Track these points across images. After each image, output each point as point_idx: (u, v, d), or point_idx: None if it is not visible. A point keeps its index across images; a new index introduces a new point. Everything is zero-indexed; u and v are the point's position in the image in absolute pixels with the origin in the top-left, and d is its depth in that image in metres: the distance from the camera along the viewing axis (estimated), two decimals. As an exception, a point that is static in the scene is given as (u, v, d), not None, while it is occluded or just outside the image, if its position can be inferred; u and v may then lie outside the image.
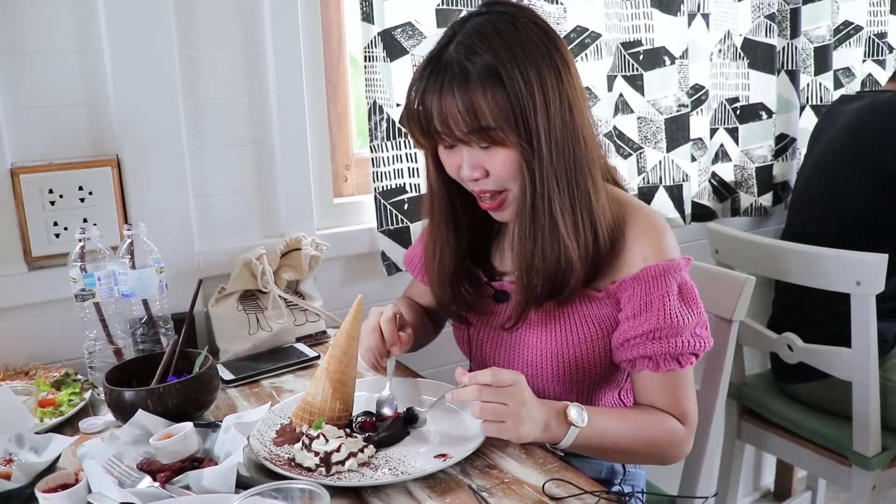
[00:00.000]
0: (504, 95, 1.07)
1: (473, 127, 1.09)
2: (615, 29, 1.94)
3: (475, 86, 1.08)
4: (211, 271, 1.56)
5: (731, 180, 2.31)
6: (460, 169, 1.16)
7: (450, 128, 1.11)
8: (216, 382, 1.22)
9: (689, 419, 1.20)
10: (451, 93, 1.09)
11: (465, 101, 1.08)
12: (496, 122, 1.09)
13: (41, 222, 1.41)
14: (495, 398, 1.03)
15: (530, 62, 1.09)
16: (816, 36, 2.35)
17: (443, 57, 1.11)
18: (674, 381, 1.18)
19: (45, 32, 1.38)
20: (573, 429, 1.07)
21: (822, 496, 2.48)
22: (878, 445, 1.83)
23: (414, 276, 1.47)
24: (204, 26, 1.51)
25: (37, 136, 1.41)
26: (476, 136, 1.11)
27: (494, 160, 1.13)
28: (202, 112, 1.54)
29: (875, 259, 1.68)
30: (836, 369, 1.83)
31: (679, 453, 1.20)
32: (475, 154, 1.14)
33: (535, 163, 1.11)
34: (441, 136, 1.13)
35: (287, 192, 1.64)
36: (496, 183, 1.15)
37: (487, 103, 1.08)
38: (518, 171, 1.12)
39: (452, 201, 1.25)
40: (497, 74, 1.07)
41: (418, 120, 1.14)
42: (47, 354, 1.43)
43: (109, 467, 0.99)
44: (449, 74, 1.09)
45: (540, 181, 1.11)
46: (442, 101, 1.09)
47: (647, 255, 1.16)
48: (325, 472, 1.01)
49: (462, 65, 1.09)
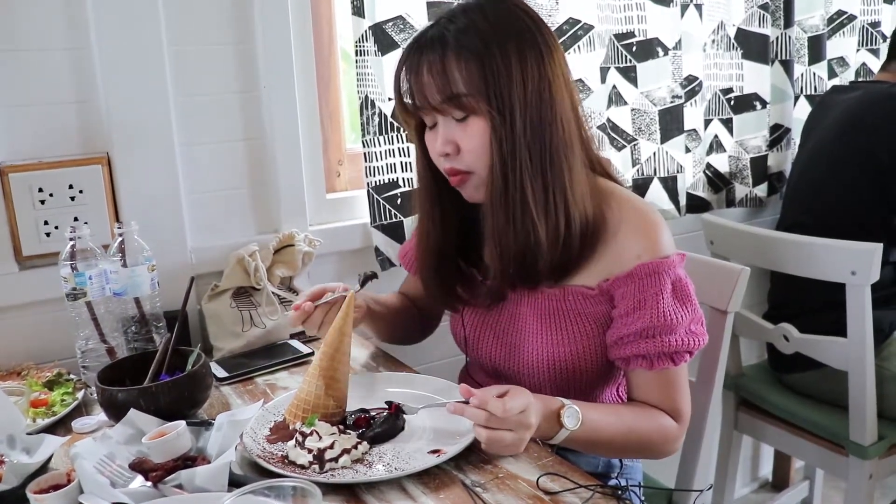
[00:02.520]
0: (478, 63, 1.09)
1: (447, 94, 1.11)
2: (608, 20, 1.94)
3: (450, 53, 1.10)
4: (203, 268, 1.55)
5: (726, 171, 2.30)
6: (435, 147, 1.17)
7: (425, 96, 1.13)
8: (209, 380, 1.21)
9: (682, 416, 1.20)
10: (427, 62, 1.12)
11: (439, 67, 1.11)
12: (468, 88, 1.10)
13: (31, 221, 1.40)
14: (502, 426, 1.00)
15: (511, 37, 1.11)
16: (810, 25, 2.34)
17: (426, 34, 1.15)
18: (668, 378, 1.18)
19: (33, 29, 1.37)
20: (564, 430, 1.07)
21: (819, 486, 2.49)
22: (875, 434, 1.83)
23: (408, 271, 1.47)
24: (193, 22, 1.50)
25: (26, 135, 1.40)
26: (450, 105, 1.12)
27: (468, 133, 1.13)
28: (192, 108, 1.53)
29: (870, 248, 1.68)
30: (832, 359, 1.83)
31: (670, 450, 1.21)
32: (450, 128, 1.15)
33: (507, 135, 1.11)
34: (419, 108, 1.16)
35: (279, 187, 1.63)
36: (465, 163, 1.16)
37: (461, 69, 1.10)
38: (488, 144, 1.12)
39: (438, 184, 1.24)
40: (474, 45, 1.10)
41: (401, 95, 1.17)
42: (39, 354, 1.42)
43: (101, 467, 0.98)
44: (428, 47, 1.12)
45: (511, 154, 1.11)
46: (420, 71, 1.12)
47: (641, 251, 1.15)
48: (319, 469, 1.01)
49: (442, 38, 1.12)
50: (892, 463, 1.90)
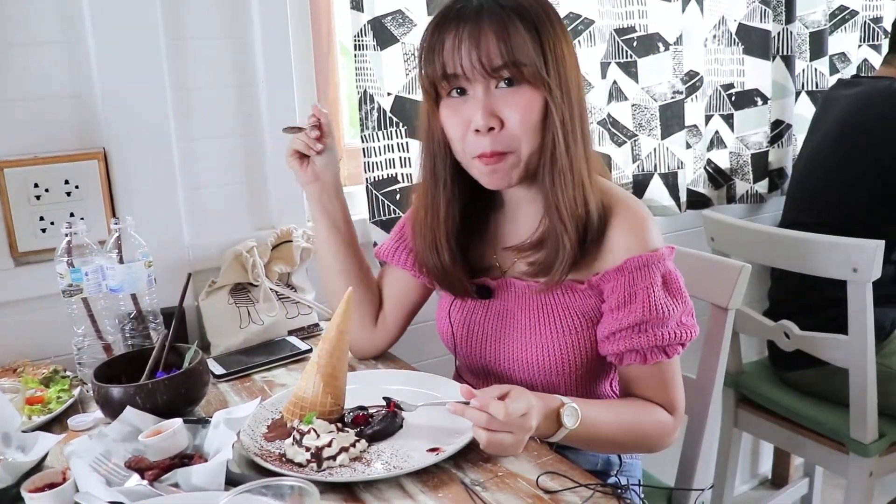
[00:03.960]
0: (538, 37, 1.08)
1: (509, 59, 1.06)
2: (608, 15, 1.92)
3: (513, 20, 1.07)
4: (201, 265, 1.54)
5: (727, 167, 2.29)
6: (469, 125, 1.10)
7: (480, 60, 1.07)
8: (206, 377, 1.20)
9: (678, 408, 1.21)
10: (488, 23, 1.07)
11: (503, 33, 1.06)
12: (529, 58, 1.07)
13: (27, 217, 1.39)
14: (503, 429, 0.98)
15: (557, 20, 1.12)
16: (812, 21, 2.33)
17: (473, 2, 1.09)
18: (661, 372, 1.18)
19: (28, 23, 1.36)
20: (563, 429, 1.06)
21: (819, 483, 2.48)
22: (875, 432, 1.82)
23: (388, 262, 1.40)
24: (190, 15, 1.49)
25: (21, 130, 1.38)
26: (509, 71, 1.08)
27: (516, 105, 1.09)
28: (190, 103, 1.52)
29: (871, 245, 1.67)
30: (833, 356, 1.82)
31: (667, 443, 1.21)
32: (492, 99, 1.10)
33: (567, 111, 1.10)
34: (465, 71, 1.08)
35: (277, 183, 1.61)
36: (505, 143, 1.11)
37: (523, 38, 1.07)
38: (540, 120, 1.10)
39: (454, 165, 1.19)
40: (531, 17, 1.08)
41: (439, 54, 1.10)
42: (35, 351, 1.41)
43: (97, 465, 0.97)
44: (485, 8, 1.08)
45: (571, 132, 1.11)
46: (478, 30, 1.06)
47: (630, 245, 1.15)
48: (317, 467, 1.00)
49: (497, 4, 1.08)
50: (892, 461, 1.89)
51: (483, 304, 1.28)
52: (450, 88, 1.13)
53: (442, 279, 1.27)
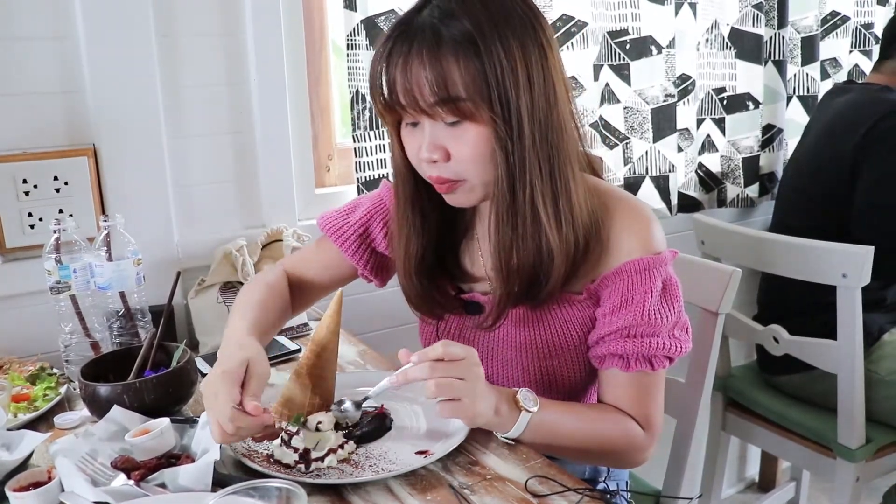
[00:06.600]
0: (479, 65, 0.97)
1: (441, 97, 0.97)
2: (602, 18, 1.93)
3: (447, 51, 0.97)
4: (190, 263, 1.54)
5: (718, 171, 2.30)
6: (420, 150, 1.04)
7: (414, 97, 0.99)
8: (194, 376, 1.19)
9: (653, 427, 1.13)
10: (419, 57, 0.97)
11: (436, 67, 0.97)
12: (468, 92, 0.97)
13: (15, 213, 1.38)
14: (450, 373, 0.96)
15: (514, 34, 0.99)
16: (804, 26, 2.34)
17: (414, 21, 1.00)
18: (642, 383, 1.11)
19: (18, 17, 1.35)
20: (524, 414, 1.02)
21: (805, 487, 2.49)
22: (863, 437, 1.83)
23: (330, 238, 1.29)
24: (182, 12, 1.48)
25: (10, 125, 1.37)
26: (444, 108, 0.98)
27: (462, 139, 1.01)
28: (181, 100, 1.51)
29: (861, 251, 1.68)
30: (822, 361, 1.83)
31: (637, 459, 1.14)
32: (438, 132, 1.02)
33: (515, 143, 1.00)
34: (404, 107, 1.01)
35: (268, 182, 1.61)
36: (454, 171, 1.04)
37: (460, 71, 0.97)
38: (489, 153, 1.01)
39: (417, 183, 1.12)
40: (473, 41, 0.97)
41: (381, 88, 1.02)
42: (22, 348, 1.40)
43: (82, 465, 0.96)
44: (419, 38, 0.98)
45: (520, 165, 1.01)
46: (408, 66, 0.98)
47: (633, 247, 1.09)
48: (305, 468, 0.99)
49: (435, 28, 0.98)
50: (878, 465, 1.90)
51: (473, 319, 1.20)
52: (400, 118, 1.07)
53: (420, 304, 1.21)
